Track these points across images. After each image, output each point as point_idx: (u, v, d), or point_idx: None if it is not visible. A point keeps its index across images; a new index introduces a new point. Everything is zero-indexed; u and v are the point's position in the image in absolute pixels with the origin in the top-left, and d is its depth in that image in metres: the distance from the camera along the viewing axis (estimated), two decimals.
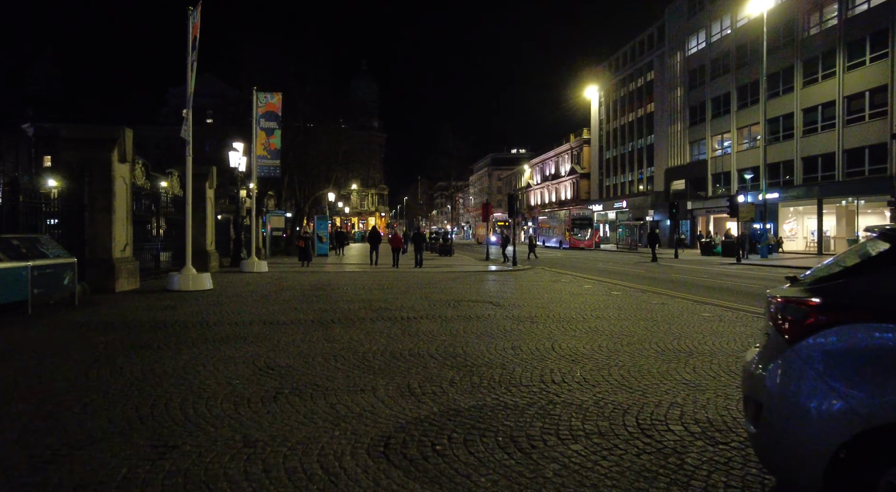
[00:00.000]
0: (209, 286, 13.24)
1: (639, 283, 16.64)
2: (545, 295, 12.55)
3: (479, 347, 6.59)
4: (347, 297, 11.85)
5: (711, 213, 46.77)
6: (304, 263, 22.85)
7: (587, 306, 10.47)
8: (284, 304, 10.58)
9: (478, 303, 10.88)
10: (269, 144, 20.13)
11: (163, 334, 7.35)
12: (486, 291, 13.52)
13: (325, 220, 32.75)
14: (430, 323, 8.32)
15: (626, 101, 62.69)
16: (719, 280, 17.64)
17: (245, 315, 9.08)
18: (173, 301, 10.86)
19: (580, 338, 7.24)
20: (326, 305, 10.30)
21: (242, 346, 6.60)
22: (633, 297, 12.42)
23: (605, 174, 67.52)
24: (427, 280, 16.29)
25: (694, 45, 50.25)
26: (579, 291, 13.57)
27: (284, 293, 12.50)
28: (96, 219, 12.40)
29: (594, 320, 8.75)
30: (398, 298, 11.66)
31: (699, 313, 9.79)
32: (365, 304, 10.60)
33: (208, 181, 19.65)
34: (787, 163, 37.83)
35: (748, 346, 6.86)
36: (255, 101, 19.96)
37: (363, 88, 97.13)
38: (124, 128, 12.78)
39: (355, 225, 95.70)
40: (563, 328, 7.98)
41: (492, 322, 8.47)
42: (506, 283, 15.97)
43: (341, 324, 8.20)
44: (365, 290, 13.37)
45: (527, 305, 10.56)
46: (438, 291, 13.00)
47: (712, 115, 47.08)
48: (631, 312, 9.86)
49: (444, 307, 10.17)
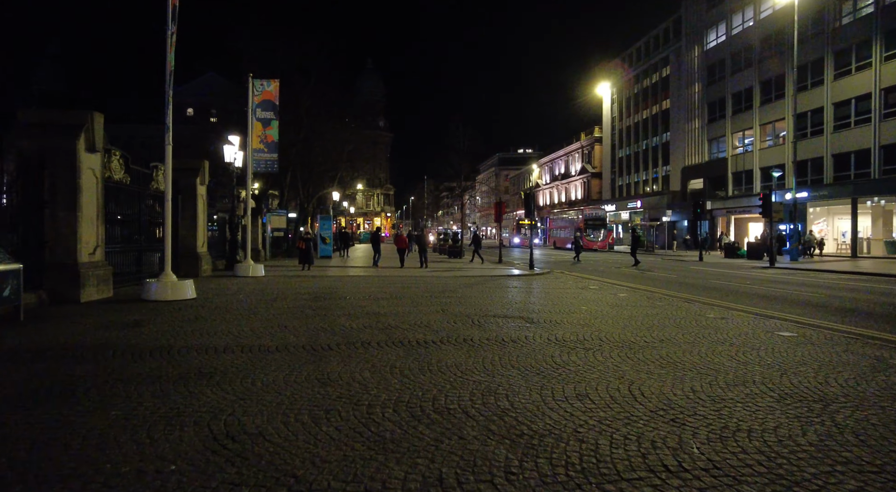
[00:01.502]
0: (191, 295, 11.47)
1: (677, 290, 14.77)
2: (582, 307, 10.70)
3: (531, 393, 4.76)
4: (350, 309, 10.04)
5: (732, 213, 44.73)
6: (305, 266, 21.10)
7: (640, 324, 8.62)
8: (274, 319, 8.78)
9: (506, 318, 9.05)
10: (265, 137, 18.35)
11: (104, 368, 5.56)
12: (511, 301, 11.69)
13: (328, 220, 30.95)
14: (455, 350, 6.50)
15: (641, 97, 60.68)
16: (764, 287, 15.73)
17: (221, 336, 7.29)
18: (143, 315, 9.09)
19: (659, 376, 5.40)
20: (324, 322, 8.49)
21: (203, 390, 4.80)
22: (684, 309, 10.56)
23: (617, 173, 65.52)
24: (439, 287, 14.48)
25: (713, 38, 48.24)
26: (617, 301, 11.72)
27: (277, 304, 10.71)
28: (59, 217, 10.65)
29: (661, 346, 6.91)
30: (410, 311, 9.84)
31: (775, 332, 7.96)
32: (370, 319, 8.79)
33: (199, 176, 17.90)
34: (815, 160, 35.81)
35: (890, 387, 5.02)
36: (251, 89, 18.19)
37: (369, 87, 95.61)
38: (92, 112, 11.02)
39: (361, 225, 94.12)
40: (629, 359, 6.14)
41: (533, 349, 6.64)
42: (529, 290, 14.14)
43: (340, 352, 6.39)
44: (370, 300, 11.57)
45: (566, 322, 8.72)
46: (456, 302, 11.17)
47: (733, 111, 45.07)
48: (695, 330, 8.01)
49: (466, 325, 8.34)
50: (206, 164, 18.22)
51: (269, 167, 18.71)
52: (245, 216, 19.14)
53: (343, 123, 39.50)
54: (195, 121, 68.27)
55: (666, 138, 55.63)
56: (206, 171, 18.25)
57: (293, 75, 34.63)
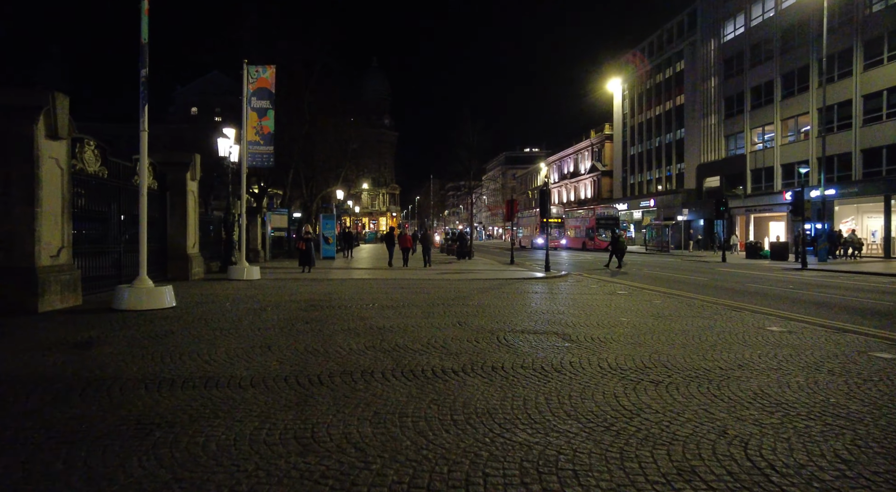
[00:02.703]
0: (169, 303, 10.00)
1: (715, 295, 13.19)
2: (621, 318, 9.16)
3: (610, 469, 3.21)
4: (350, 321, 8.54)
5: (752, 212, 42.96)
6: (306, 268, 19.61)
7: (698, 341, 7.07)
8: (258, 335, 7.29)
9: (538, 335, 7.52)
10: (261, 128, 16.85)
11: (3, 416, 4.08)
12: (537, 310, 10.15)
13: (331, 219, 29.42)
14: (484, 386, 4.97)
15: (654, 93, 58.94)
16: (813, 292, 14.12)
17: (187, 361, 5.79)
18: (103, 330, 7.62)
19: (775, 429, 3.85)
20: (317, 341, 6.99)
21: (128, 460, 3.30)
22: (737, 320, 9.00)
23: (629, 171, 63.78)
24: (452, 292, 12.95)
25: (731, 30, 46.49)
26: (656, 310, 10.16)
27: (267, 315, 9.22)
28: (13, 214, 9.19)
29: (744, 375, 5.36)
30: (421, 324, 8.33)
31: (868, 352, 6.43)
32: (373, 337, 7.28)
33: (190, 171, 16.45)
34: (843, 156, 34.04)
35: None
36: (245, 76, 16.70)
37: (374, 85, 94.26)
38: (54, 91, 9.57)
39: (366, 225, 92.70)
40: (717, 398, 4.60)
41: (586, 382, 5.11)
42: (553, 297, 12.58)
43: (333, 388, 4.88)
44: (375, 309, 10.06)
45: (612, 339, 7.18)
46: (473, 312, 9.65)
47: (752, 105, 43.32)
48: (769, 351, 6.47)
49: (492, 345, 6.82)
50: (197, 158, 16.77)
51: (266, 162, 17.21)
52: (240, 214, 17.67)
53: (347, 120, 37.97)
54: (199, 120, 67.02)
55: (680, 135, 53.90)
56: (197, 165, 16.80)
57: (295, 68, 33.21)
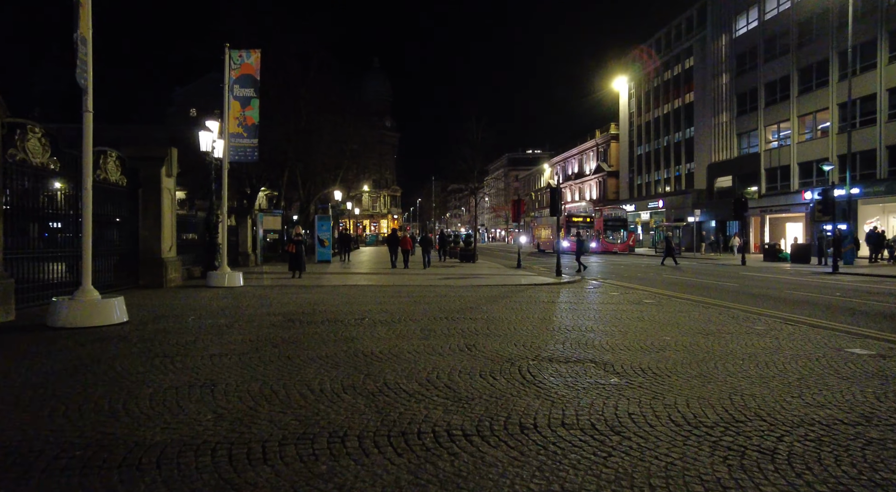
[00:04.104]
0: (118, 318, 8.33)
1: (757, 304, 11.49)
2: (663, 336, 7.46)
3: None
4: (331, 344, 6.86)
5: (767, 212, 41.19)
6: (296, 273, 17.96)
7: (777, 370, 5.37)
8: (204, 367, 5.61)
9: (570, 364, 5.83)
10: (245, 119, 15.21)
11: None
12: (560, 326, 8.45)
13: (327, 220, 27.71)
14: (512, 464, 3.28)
15: (661, 91, 57.24)
16: (867, 301, 12.38)
17: (83, 414, 4.11)
18: (10, 359, 5.96)
19: None
20: (279, 376, 5.30)
21: None
22: (805, 338, 7.30)
23: (636, 172, 62.06)
24: (457, 302, 11.26)
25: (743, 25, 44.80)
26: (699, 325, 8.46)
27: (230, 335, 7.54)
28: None
29: (884, 433, 3.67)
30: (418, 349, 6.65)
31: None
32: (356, 368, 5.60)
33: (165, 167, 14.80)
34: (866, 153, 32.28)
35: None
36: (228, 62, 15.06)
37: (375, 87, 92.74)
38: None
39: (367, 227, 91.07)
40: (885, 487, 2.92)
41: (663, 456, 3.41)
42: (572, 306, 10.89)
43: (277, 471, 3.18)
44: (364, 325, 8.37)
45: (668, 372, 5.49)
46: (483, 330, 7.97)
47: (766, 102, 41.61)
48: (877, 385, 4.78)
49: (514, 383, 5.13)
50: (173, 152, 15.12)
51: (250, 156, 15.55)
52: (222, 214, 16.02)
53: (345, 117, 36.33)
54: (198, 121, 65.61)
55: (689, 134, 52.18)
56: (173, 160, 15.14)
57: (290, 63, 31.62)
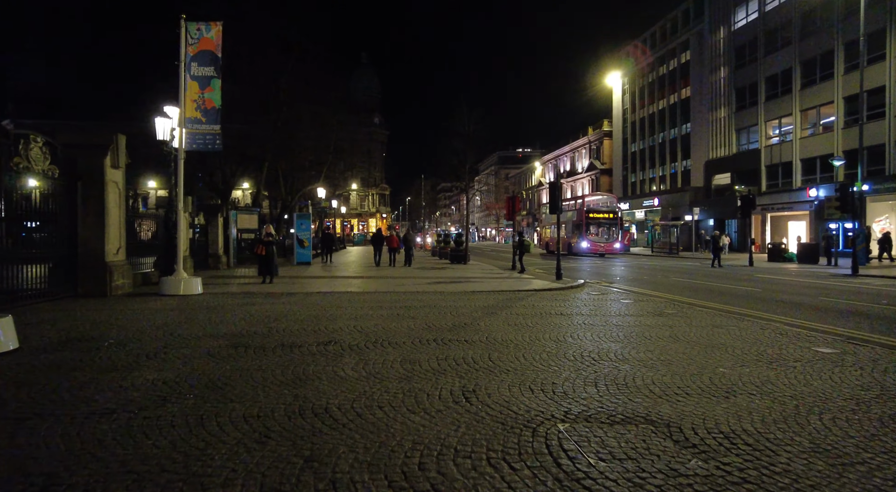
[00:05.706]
0: (5, 346, 6.41)
1: (798, 315, 9.72)
2: (718, 368, 5.67)
3: None
4: (269, 394, 4.99)
5: (768, 210, 39.75)
6: (266, 278, 16.01)
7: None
8: (67, 445, 3.74)
9: (618, 430, 4.02)
10: (203, 102, 13.24)
11: None
12: (583, 354, 6.62)
13: (307, 218, 25.70)
14: None
15: (656, 86, 55.76)
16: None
17: None
18: None
19: None
20: (174, 460, 3.44)
21: None
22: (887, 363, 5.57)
23: (629, 169, 60.57)
24: (448, 314, 9.41)
25: (742, 16, 43.35)
26: (751, 347, 6.68)
27: (148, 369, 5.65)
28: None
29: None
30: (396, 401, 4.80)
31: None
32: (296, 442, 3.74)
33: (111, 156, 12.83)
34: (874, 148, 30.85)
35: None
36: (184, 36, 13.08)
37: (364, 82, 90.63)
38: None
39: (355, 226, 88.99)
40: None
41: None
42: (586, 321, 9.07)
43: None
44: (327, 356, 6.50)
45: (763, 436, 3.69)
46: (484, 361, 6.14)
47: (766, 96, 40.19)
48: None
49: (540, 473, 3.31)
50: (120, 139, 13.13)
51: (210, 144, 13.58)
52: (179, 210, 14.03)
53: (329, 110, 34.34)
54: None
55: (686, 130, 50.73)
56: (120, 149, 13.15)
57: (269, 48, 29.58)
